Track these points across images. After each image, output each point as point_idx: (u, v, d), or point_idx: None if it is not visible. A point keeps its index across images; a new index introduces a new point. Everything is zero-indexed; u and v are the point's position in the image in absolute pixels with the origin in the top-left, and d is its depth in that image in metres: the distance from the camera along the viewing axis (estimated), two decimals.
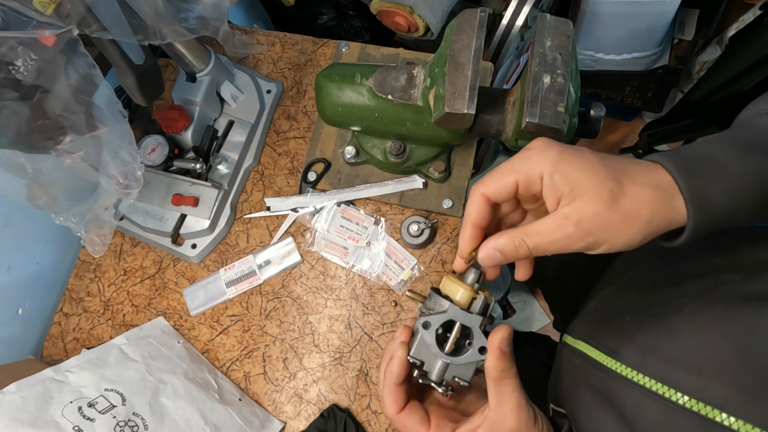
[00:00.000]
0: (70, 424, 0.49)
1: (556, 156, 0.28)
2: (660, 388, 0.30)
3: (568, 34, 0.45)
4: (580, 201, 0.28)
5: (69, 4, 0.41)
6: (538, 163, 0.28)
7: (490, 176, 0.30)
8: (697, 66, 1.35)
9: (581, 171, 0.28)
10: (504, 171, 0.30)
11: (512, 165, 0.29)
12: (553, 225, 0.29)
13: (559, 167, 0.28)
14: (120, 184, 0.49)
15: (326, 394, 0.64)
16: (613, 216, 0.27)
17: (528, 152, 0.30)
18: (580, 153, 0.28)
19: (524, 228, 0.30)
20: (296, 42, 0.78)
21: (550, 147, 0.29)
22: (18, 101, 0.41)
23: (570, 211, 0.28)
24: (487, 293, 0.34)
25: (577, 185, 0.27)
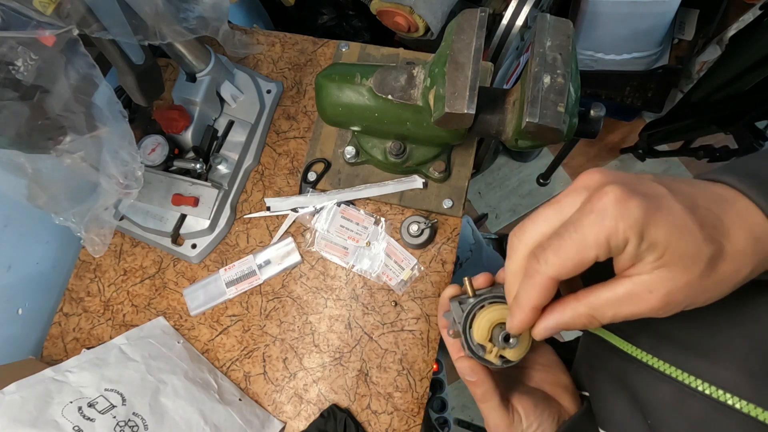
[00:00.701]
0: (70, 424, 0.49)
1: (641, 215, 0.22)
2: (674, 371, 0.30)
3: (568, 34, 0.45)
4: (670, 270, 0.23)
5: (69, 4, 0.41)
6: (620, 228, 0.22)
7: (557, 250, 0.24)
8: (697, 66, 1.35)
9: (674, 234, 0.22)
10: (578, 244, 0.23)
11: (588, 234, 0.23)
12: (631, 295, 0.24)
13: (649, 231, 0.22)
14: (120, 184, 0.49)
15: (326, 394, 0.64)
16: (709, 283, 0.24)
17: (600, 208, 0.23)
18: (669, 208, 0.23)
19: (590, 299, 0.26)
20: (296, 42, 0.78)
21: (629, 201, 0.22)
22: (18, 101, 0.41)
23: (656, 280, 0.23)
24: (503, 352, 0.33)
25: (669, 251, 0.23)
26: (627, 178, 0.24)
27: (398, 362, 0.64)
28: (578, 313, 0.26)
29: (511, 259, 0.27)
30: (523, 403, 0.37)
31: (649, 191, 0.23)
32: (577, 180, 0.26)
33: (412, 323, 0.65)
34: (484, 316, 0.33)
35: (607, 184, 0.23)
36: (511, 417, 0.36)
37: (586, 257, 0.23)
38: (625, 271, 0.24)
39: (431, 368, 0.64)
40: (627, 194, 0.23)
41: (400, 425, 0.62)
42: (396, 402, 0.63)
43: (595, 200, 0.23)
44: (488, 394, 0.35)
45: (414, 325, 0.65)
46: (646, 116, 1.60)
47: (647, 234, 0.22)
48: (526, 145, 0.50)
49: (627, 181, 0.24)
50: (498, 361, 0.33)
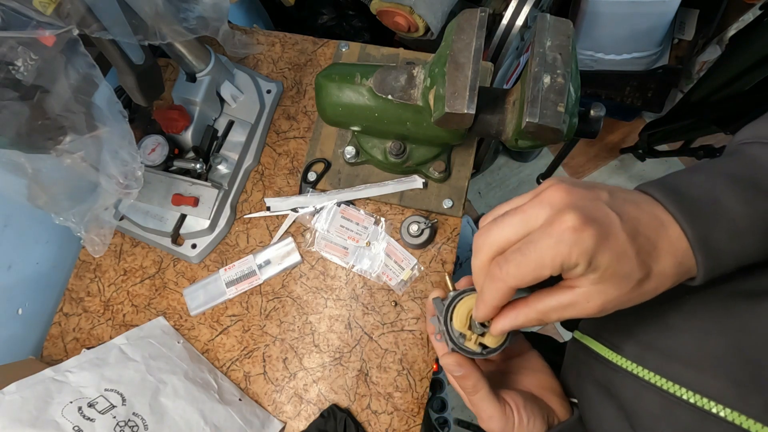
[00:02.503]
0: (70, 424, 0.49)
1: (592, 245, 0.26)
2: (659, 380, 0.31)
3: (568, 34, 0.45)
4: (606, 287, 0.27)
5: (69, 4, 0.41)
6: (573, 254, 0.26)
7: (518, 265, 0.27)
8: (697, 66, 1.35)
9: (615, 260, 0.26)
10: (536, 262, 0.27)
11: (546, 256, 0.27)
12: (572, 303, 0.29)
13: (596, 258, 0.26)
14: (120, 184, 0.49)
15: (326, 394, 0.64)
16: (635, 295, 0.28)
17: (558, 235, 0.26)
18: (615, 237, 0.26)
19: (539, 306, 0.30)
20: (296, 42, 0.78)
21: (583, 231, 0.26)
22: (18, 101, 0.41)
23: (593, 293, 0.28)
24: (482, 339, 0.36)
25: (608, 273, 0.27)
26: (585, 199, 0.27)
27: (398, 362, 0.64)
28: (529, 318, 0.31)
29: (477, 258, 0.31)
30: (513, 398, 0.37)
31: (601, 218, 0.27)
32: (544, 192, 0.28)
33: (412, 323, 0.65)
34: (463, 304, 0.36)
35: (567, 209, 0.27)
36: (503, 407, 0.36)
37: (542, 274, 0.27)
38: (569, 281, 0.29)
39: (431, 368, 0.64)
40: (582, 224, 0.26)
41: (400, 425, 0.62)
42: (396, 402, 0.63)
43: (556, 225, 0.26)
44: (478, 384, 0.36)
45: (414, 325, 0.65)
46: (646, 116, 1.60)
47: (594, 260, 0.26)
48: (526, 145, 0.50)
49: (585, 205, 0.27)
50: (479, 348, 0.35)
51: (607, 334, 0.38)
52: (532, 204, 0.28)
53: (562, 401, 0.41)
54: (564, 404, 0.40)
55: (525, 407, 0.37)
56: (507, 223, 0.29)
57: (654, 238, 0.27)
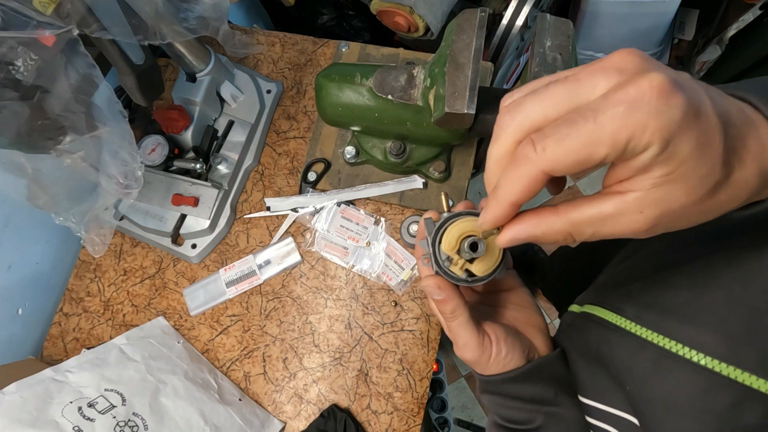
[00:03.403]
0: (70, 424, 0.49)
1: (679, 118, 0.18)
2: (655, 337, 0.31)
3: (568, 34, 0.45)
4: (672, 190, 0.20)
5: (69, 4, 0.41)
6: (649, 129, 0.18)
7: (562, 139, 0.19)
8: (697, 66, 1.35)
9: (699, 150, 0.19)
10: (590, 137, 0.18)
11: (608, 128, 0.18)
12: (617, 214, 0.21)
13: (677, 140, 0.18)
14: (120, 184, 0.49)
15: (326, 394, 0.64)
16: (700, 209, 0.21)
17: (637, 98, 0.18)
18: (707, 117, 0.19)
19: (572, 215, 0.22)
20: (296, 42, 0.78)
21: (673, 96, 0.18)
22: (18, 101, 0.41)
23: (651, 200, 0.20)
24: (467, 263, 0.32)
25: (684, 168, 0.19)
26: (667, 70, 0.19)
27: (398, 362, 0.64)
28: (554, 229, 0.22)
29: (498, 142, 0.22)
30: (494, 329, 0.35)
31: (691, 89, 0.19)
32: (609, 58, 0.20)
33: (412, 323, 0.65)
34: (455, 226, 0.32)
35: (649, 71, 0.18)
36: (481, 338, 0.34)
37: (594, 156, 0.19)
38: (620, 183, 0.21)
39: (431, 368, 0.64)
40: (672, 87, 0.18)
41: (400, 425, 0.62)
42: (396, 402, 0.63)
43: (632, 87, 0.18)
44: (457, 310, 0.33)
45: (414, 325, 0.65)
46: None
47: (674, 143, 0.18)
48: None
49: (671, 73, 0.19)
50: (463, 274, 0.32)
51: (610, 299, 0.38)
52: (589, 70, 0.20)
53: (546, 339, 0.39)
54: (547, 342, 0.39)
55: (505, 340, 0.35)
56: (550, 92, 0.20)
57: (744, 133, 0.20)
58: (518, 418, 0.38)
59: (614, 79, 0.19)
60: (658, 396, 0.30)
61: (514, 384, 0.36)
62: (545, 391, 0.37)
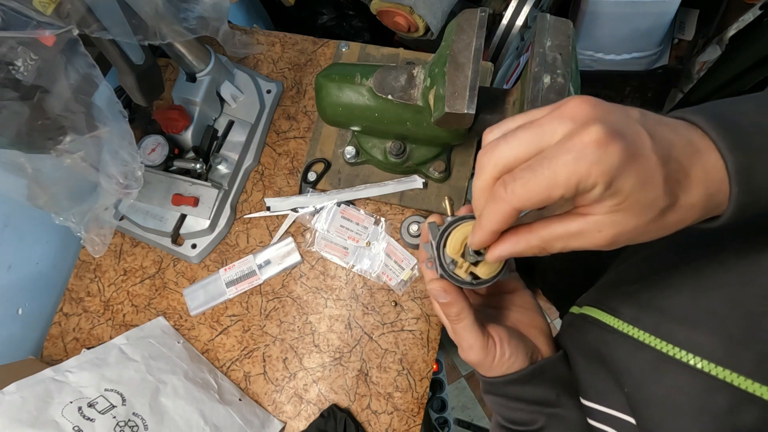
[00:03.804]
0: (70, 424, 0.49)
1: (616, 163, 0.22)
2: (652, 340, 0.31)
3: (568, 34, 0.45)
4: (623, 216, 0.23)
5: (69, 4, 0.41)
6: (593, 174, 0.22)
7: (526, 184, 0.23)
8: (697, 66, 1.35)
9: (639, 185, 0.22)
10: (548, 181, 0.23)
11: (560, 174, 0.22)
12: (581, 232, 0.25)
13: (618, 180, 0.22)
14: (120, 184, 0.49)
15: (326, 394, 0.64)
16: (653, 228, 0.24)
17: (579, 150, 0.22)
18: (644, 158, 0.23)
19: (543, 233, 0.26)
20: (296, 42, 0.78)
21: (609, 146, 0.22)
22: (18, 101, 0.41)
23: (608, 223, 0.24)
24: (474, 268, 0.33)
25: (629, 200, 0.23)
26: (614, 114, 0.23)
27: (398, 362, 0.64)
28: (531, 245, 0.27)
29: (480, 178, 0.26)
30: (498, 331, 0.36)
31: (631, 135, 0.23)
32: (566, 105, 0.24)
33: (412, 323, 0.65)
34: (459, 230, 0.33)
35: (592, 122, 0.22)
36: (486, 340, 0.35)
37: (552, 195, 0.23)
38: (582, 208, 0.25)
39: (431, 368, 0.64)
40: (609, 137, 0.22)
41: (400, 425, 0.62)
42: (396, 402, 0.63)
43: (576, 139, 0.22)
44: (462, 312, 0.34)
45: (414, 325, 0.65)
46: None
47: (616, 182, 0.22)
48: None
49: (613, 120, 0.23)
50: (468, 277, 0.33)
51: (607, 300, 0.38)
52: (549, 118, 0.24)
53: (548, 341, 0.40)
54: (550, 344, 0.39)
55: (509, 342, 0.36)
56: (518, 138, 0.24)
57: (687, 165, 0.23)
58: (521, 419, 0.38)
59: (568, 126, 0.23)
60: (656, 398, 0.30)
61: (516, 386, 0.36)
62: (547, 393, 0.37)
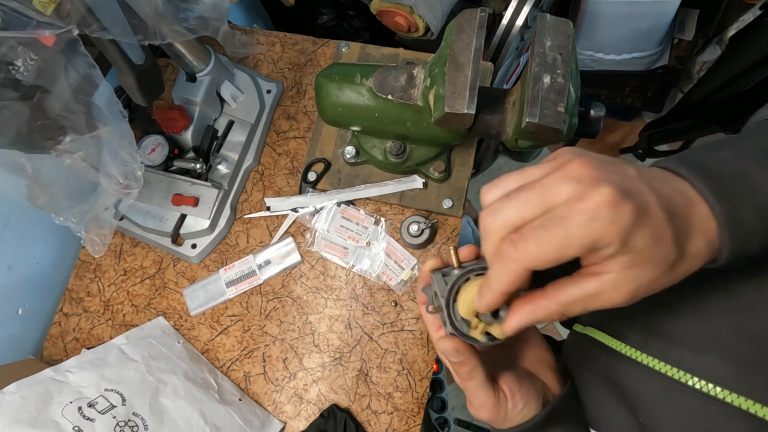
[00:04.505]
0: (70, 424, 0.49)
1: (630, 222, 0.23)
2: (662, 366, 0.31)
3: (568, 34, 0.45)
4: (638, 271, 0.24)
5: (69, 4, 0.41)
6: (608, 233, 0.23)
7: (539, 243, 0.23)
8: (697, 66, 1.35)
9: (653, 242, 0.23)
10: (562, 241, 0.23)
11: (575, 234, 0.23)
12: (599, 293, 0.25)
13: (632, 238, 0.23)
14: (120, 184, 0.49)
15: (326, 394, 0.64)
16: (666, 281, 0.25)
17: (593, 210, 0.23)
18: (654, 216, 0.23)
19: (560, 297, 0.26)
20: (296, 42, 0.78)
21: (621, 206, 0.22)
22: (18, 101, 0.41)
23: (624, 280, 0.24)
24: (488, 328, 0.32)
25: (643, 256, 0.24)
26: (617, 174, 0.24)
27: (398, 362, 0.64)
28: (549, 311, 0.26)
29: (488, 241, 0.26)
30: (508, 383, 0.35)
31: (638, 194, 0.24)
32: (567, 165, 0.24)
33: (412, 323, 0.65)
34: (471, 289, 0.30)
35: (601, 182, 0.23)
36: (497, 397, 0.34)
37: (567, 255, 0.23)
38: (593, 266, 0.25)
39: (431, 368, 0.64)
40: (620, 198, 0.22)
41: (400, 425, 0.62)
42: (396, 402, 0.63)
43: (588, 200, 0.23)
44: (474, 371, 0.33)
45: (414, 325, 0.65)
46: (646, 116, 1.60)
47: (630, 240, 0.23)
48: (526, 145, 0.50)
49: (618, 180, 0.24)
50: (484, 338, 0.31)
51: (612, 323, 0.37)
52: (554, 178, 0.24)
53: (556, 375, 0.39)
54: (557, 378, 0.39)
55: (520, 392, 0.35)
56: (522, 199, 0.25)
57: (687, 217, 0.25)
58: None
59: (575, 187, 0.23)
60: (671, 426, 0.29)
61: None
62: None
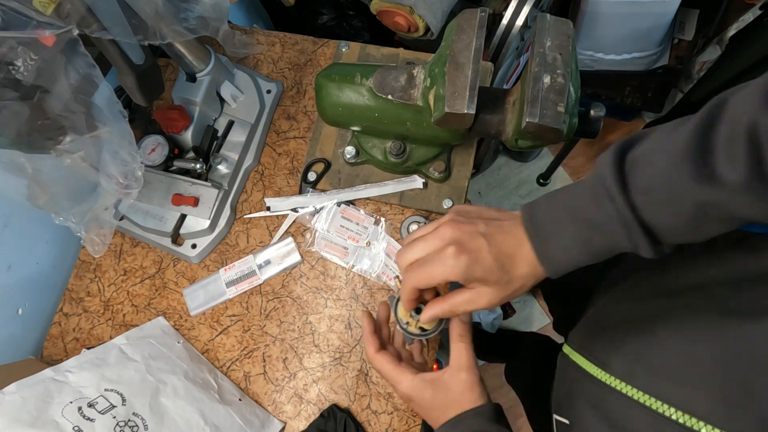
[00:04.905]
0: (70, 424, 0.49)
1: (464, 267, 0.37)
2: (647, 399, 0.31)
3: (568, 34, 0.45)
4: (486, 289, 0.38)
5: (69, 4, 0.41)
6: (452, 272, 0.38)
7: (418, 274, 0.39)
8: (697, 66, 1.35)
9: (484, 274, 0.37)
10: (429, 274, 0.39)
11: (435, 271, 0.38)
12: (471, 299, 0.39)
13: (469, 274, 0.37)
14: (120, 184, 0.49)
15: (326, 394, 0.64)
16: (508, 293, 0.39)
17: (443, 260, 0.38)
18: (483, 260, 0.37)
19: (450, 301, 0.41)
20: (296, 42, 0.78)
21: (459, 258, 0.37)
22: (18, 101, 0.41)
23: (481, 293, 0.39)
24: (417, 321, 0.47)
25: (483, 282, 0.38)
26: (466, 234, 0.38)
27: None
28: (444, 309, 0.41)
29: (400, 268, 0.42)
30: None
31: (473, 248, 0.38)
32: (439, 228, 0.40)
33: None
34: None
35: (451, 243, 0.38)
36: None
37: (432, 282, 0.39)
38: (467, 285, 0.39)
39: (431, 368, 0.64)
40: (458, 253, 0.37)
41: (400, 425, 0.62)
42: (396, 402, 0.63)
43: (442, 253, 0.38)
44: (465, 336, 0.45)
45: None
46: (646, 116, 1.60)
47: (469, 275, 0.37)
48: (526, 145, 0.50)
49: (463, 239, 0.38)
50: (419, 330, 0.47)
51: (597, 350, 0.39)
52: (431, 236, 0.40)
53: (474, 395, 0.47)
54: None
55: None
56: (416, 247, 0.40)
57: (513, 254, 0.38)
58: None
59: (438, 244, 0.39)
60: None
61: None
62: None
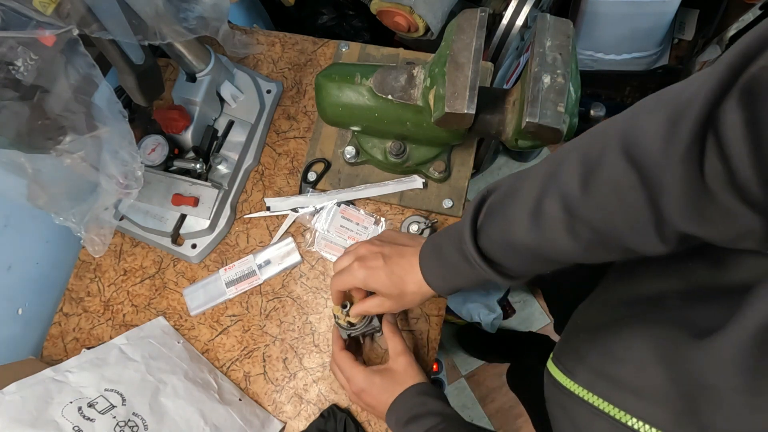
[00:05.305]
0: (70, 424, 0.49)
1: (363, 279, 0.50)
2: (608, 407, 0.32)
3: (568, 34, 0.45)
4: (385, 298, 0.51)
5: (69, 4, 0.41)
6: (355, 282, 0.51)
7: (336, 281, 0.53)
8: (697, 66, 1.35)
9: (380, 287, 0.50)
10: (342, 282, 0.52)
11: (345, 279, 0.52)
12: (380, 303, 0.52)
13: (367, 284, 0.50)
14: (120, 184, 0.49)
15: (326, 394, 0.64)
16: (403, 303, 0.51)
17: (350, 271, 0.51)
18: (378, 276, 0.49)
19: (365, 303, 0.53)
20: (296, 42, 0.78)
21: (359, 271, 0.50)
22: (18, 101, 0.41)
23: (382, 299, 0.52)
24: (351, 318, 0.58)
25: (381, 292, 0.51)
26: (370, 254, 0.51)
27: None
28: (363, 309, 0.53)
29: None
30: None
31: (372, 266, 0.50)
32: (356, 247, 0.53)
33: (412, 323, 0.65)
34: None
35: (357, 260, 0.51)
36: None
37: (345, 286, 0.53)
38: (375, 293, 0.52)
39: (431, 368, 0.64)
40: (359, 267, 0.50)
41: None
42: None
43: (351, 266, 0.51)
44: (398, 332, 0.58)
45: (414, 325, 0.65)
46: None
47: (366, 285, 0.51)
48: (526, 145, 0.50)
49: (367, 257, 0.50)
50: (347, 324, 0.58)
51: (564, 358, 0.40)
52: (352, 252, 0.53)
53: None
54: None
55: None
56: (341, 259, 0.54)
57: (403, 275, 0.49)
58: None
59: (352, 260, 0.52)
60: None
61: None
62: None
